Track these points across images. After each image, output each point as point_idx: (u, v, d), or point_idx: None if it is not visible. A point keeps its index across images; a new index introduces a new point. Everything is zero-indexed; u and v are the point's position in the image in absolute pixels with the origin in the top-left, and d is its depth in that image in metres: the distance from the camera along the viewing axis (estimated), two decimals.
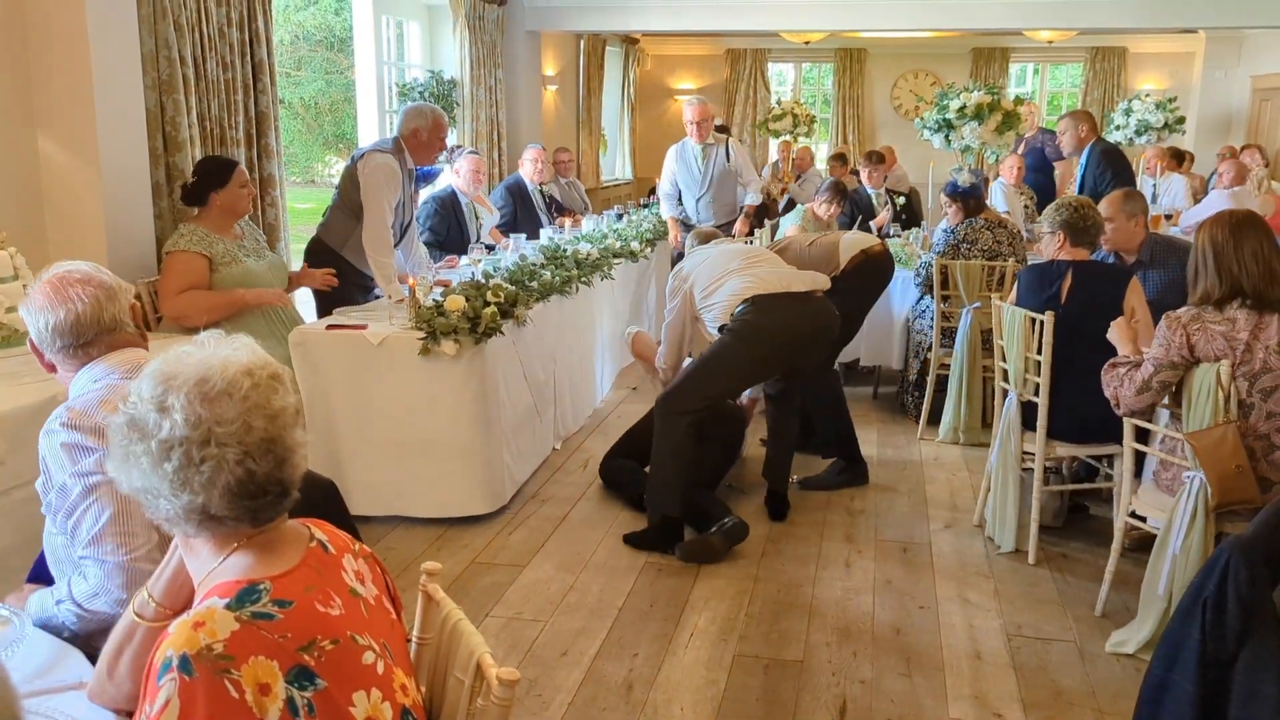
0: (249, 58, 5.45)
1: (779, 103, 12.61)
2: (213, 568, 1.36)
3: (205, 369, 1.32)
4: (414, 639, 1.61)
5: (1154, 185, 9.29)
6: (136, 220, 4.70)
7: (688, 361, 4.51)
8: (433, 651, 1.60)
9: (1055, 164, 9.11)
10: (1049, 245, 4.08)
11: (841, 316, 4.86)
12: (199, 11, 4.99)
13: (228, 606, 1.27)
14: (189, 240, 4.20)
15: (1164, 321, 3.23)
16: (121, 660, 1.53)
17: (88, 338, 2.03)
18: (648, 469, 4.66)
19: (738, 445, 4.73)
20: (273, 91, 5.67)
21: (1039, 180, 8.59)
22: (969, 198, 5.68)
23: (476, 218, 6.52)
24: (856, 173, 9.63)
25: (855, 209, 7.61)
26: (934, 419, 5.60)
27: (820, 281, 4.37)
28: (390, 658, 1.39)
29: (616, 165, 13.45)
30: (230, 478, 1.30)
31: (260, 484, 1.32)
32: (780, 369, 4.37)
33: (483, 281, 4.66)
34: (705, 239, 4.86)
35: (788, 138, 11.31)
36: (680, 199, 7.12)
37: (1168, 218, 7.92)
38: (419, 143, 4.88)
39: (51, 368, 2.09)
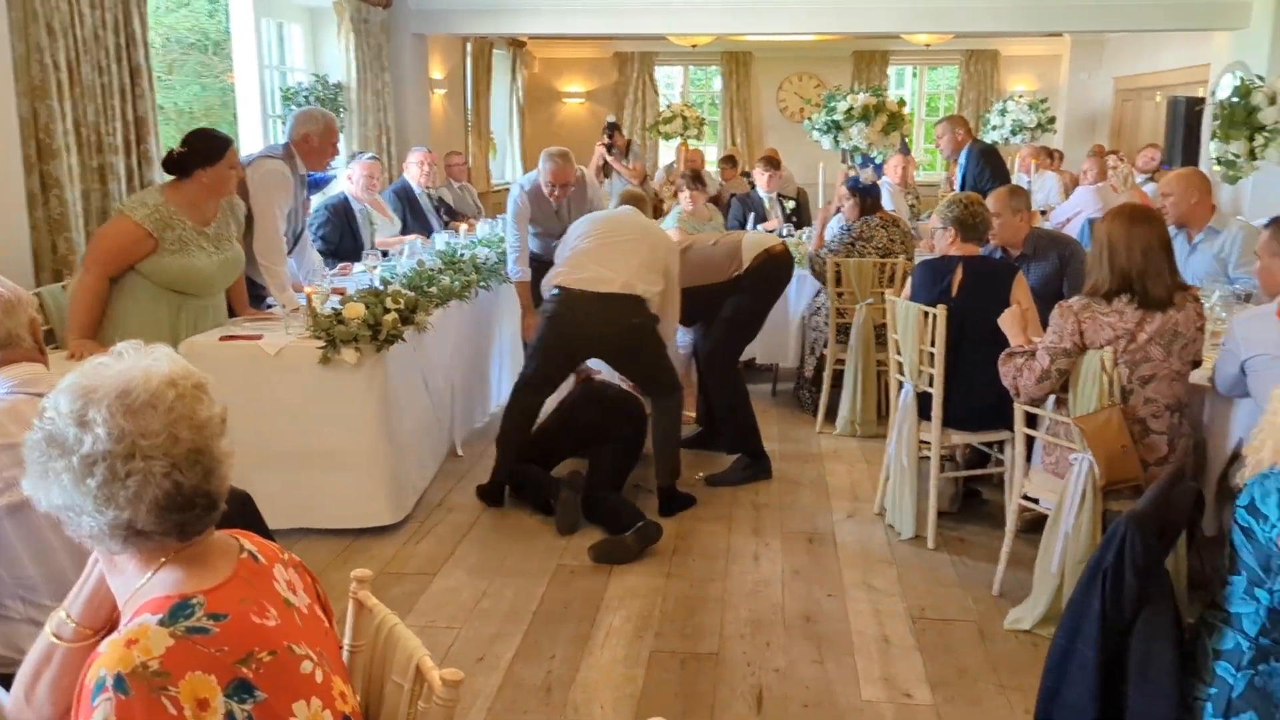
0: (125, 61, 5.27)
1: (668, 105, 12.73)
2: (139, 584, 1.32)
3: (126, 381, 1.28)
4: (346, 647, 1.59)
5: (1029, 182, 9.70)
6: (10, 231, 4.49)
7: None
8: (367, 658, 1.58)
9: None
10: (941, 240, 4.24)
11: (744, 315, 4.99)
12: (72, 15, 4.79)
13: (161, 623, 1.23)
14: (146, 213, 3.89)
15: (1057, 310, 3.39)
16: (40, 684, 1.47)
17: None
18: (553, 472, 4.69)
19: (640, 442, 4.75)
20: (151, 96, 5.48)
21: None
22: (867, 195, 5.85)
23: (371, 224, 6.40)
24: (748, 174, 9.79)
25: (745, 210, 7.74)
26: (831, 414, 5.74)
27: (641, 288, 4.41)
28: (327, 666, 1.38)
29: (507, 168, 13.38)
30: (157, 491, 1.27)
31: (188, 496, 1.29)
32: (577, 357, 4.70)
33: (381, 288, 4.59)
34: (623, 199, 5.00)
35: (679, 140, 11.43)
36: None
37: (1042, 213, 8.27)
38: (310, 148, 4.77)
39: None
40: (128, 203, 4.02)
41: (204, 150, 4.01)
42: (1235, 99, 4.64)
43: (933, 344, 4.01)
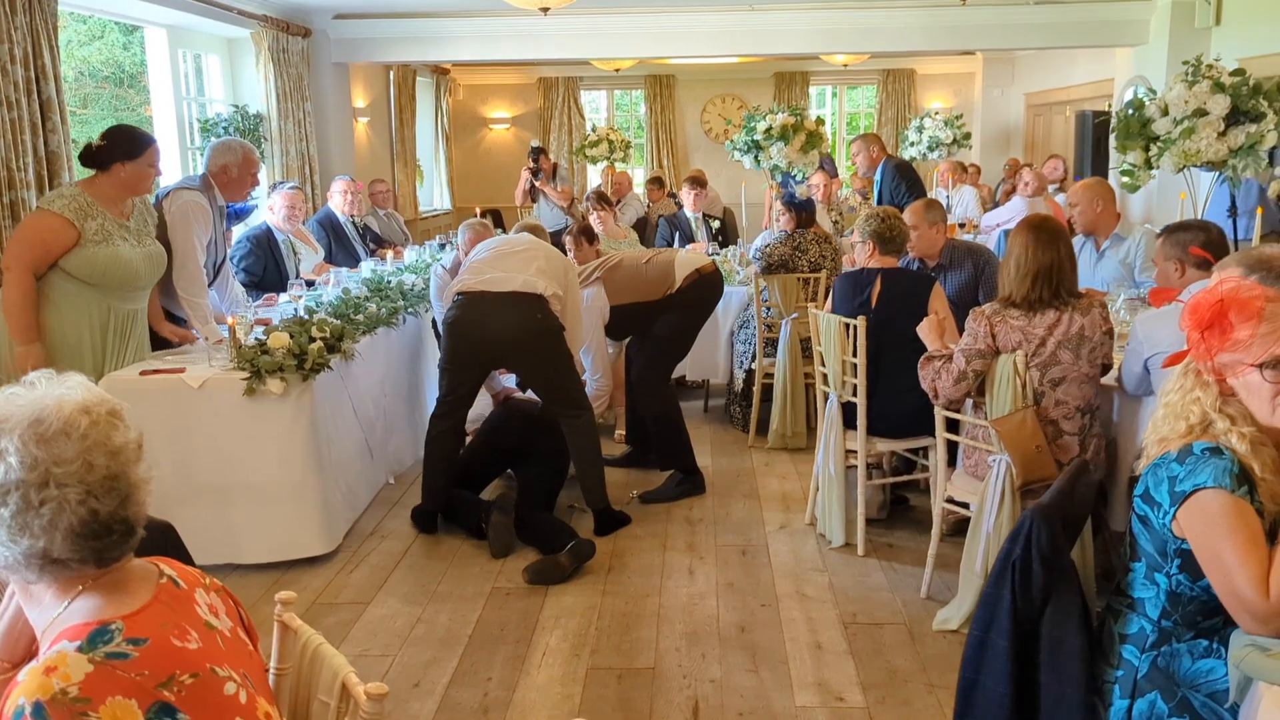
0: (36, 95, 5.19)
1: (594, 129, 12.82)
2: (57, 613, 1.31)
3: (38, 409, 1.28)
4: (272, 670, 1.60)
5: (947, 196, 9.95)
6: None
7: None
8: (293, 680, 1.59)
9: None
10: (860, 253, 4.35)
11: (676, 333, 5.06)
12: None
13: (79, 649, 1.23)
14: (64, 204, 3.87)
15: (971, 315, 3.50)
16: None
17: None
18: (483, 494, 4.69)
19: (564, 456, 4.70)
20: (64, 130, 5.40)
21: None
22: (803, 210, 5.97)
23: (295, 254, 6.34)
24: (675, 195, 9.90)
25: (673, 230, 7.84)
26: (762, 428, 5.82)
27: (542, 286, 4.40)
28: (252, 687, 1.38)
29: (434, 195, 13.34)
30: (73, 518, 1.27)
31: (104, 523, 1.29)
32: (483, 363, 4.55)
33: (306, 317, 4.57)
34: (520, 228, 5.01)
35: (606, 163, 11.51)
36: None
37: (961, 226, 8.50)
38: (229, 179, 4.73)
39: None
40: (43, 200, 4.00)
41: (125, 145, 4.02)
42: (1130, 111, 4.84)
43: (855, 355, 4.10)
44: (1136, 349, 3.30)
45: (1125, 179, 5.05)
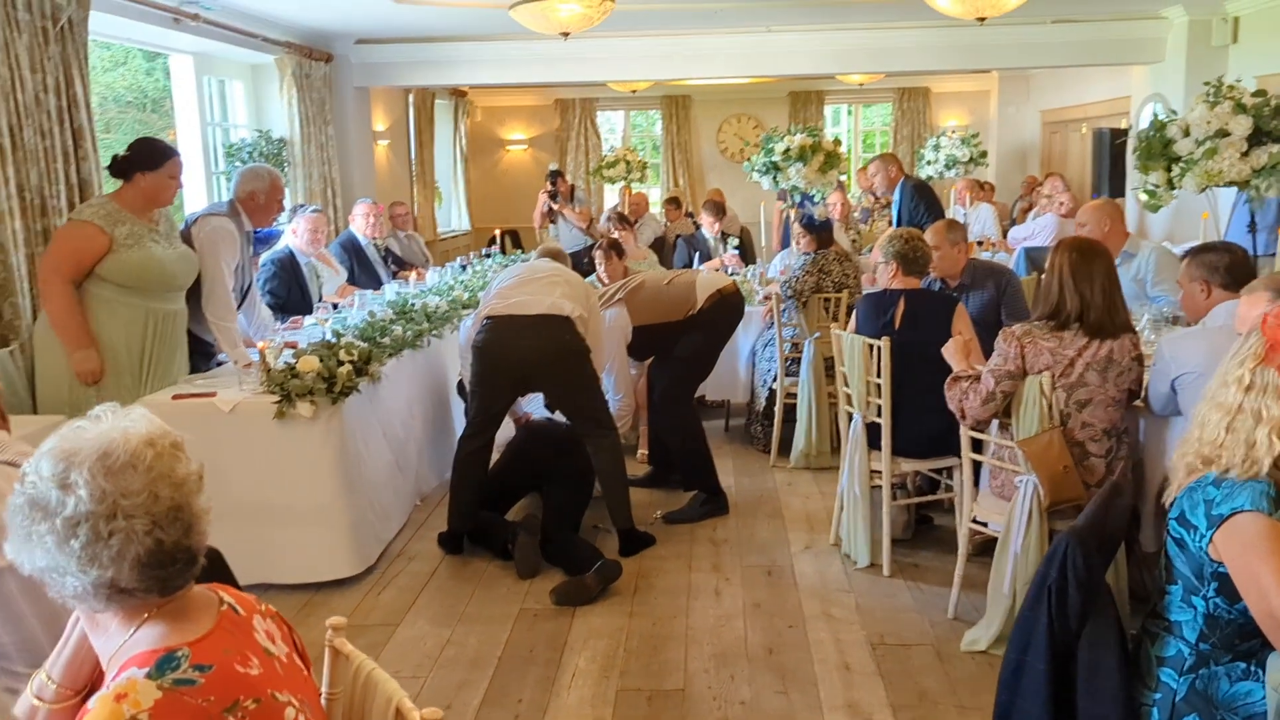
0: (68, 124, 5.27)
1: (611, 150, 12.90)
2: (123, 641, 1.35)
3: (106, 443, 1.32)
4: (324, 695, 1.63)
5: (965, 215, 9.96)
6: None
7: None
8: (344, 704, 1.61)
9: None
10: (883, 274, 4.37)
11: (697, 353, 5.09)
12: (12, 80, 4.79)
13: (148, 676, 1.27)
14: (93, 212, 4.02)
15: (1001, 336, 3.52)
16: None
17: None
18: (508, 515, 4.72)
19: (589, 476, 4.73)
20: (95, 157, 5.47)
21: None
22: (821, 231, 6.00)
23: (318, 277, 6.41)
24: (691, 215, 9.96)
25: (691, 250, 7.89)
26: (784, 447, 5.83)
27: (569, 308, 4.44)
28: (309, 712, 1.41)
29: (453, 217, 13.44)
30: (140, 549, 1.30)
31: (169, 552, 1.33)
32: (513, 386, 4.57)
33: (334, 341, 4.62)
34: (541, 254, 5.08)
35: (623, 183, 11.59)
36: None
37: (979, 244, 8.52)
38: (256, 205, 4.81)
39: None
40: (73, 213, 4.16)
41: (146, 156, 4.16)
42: (1151, 132, 4.86)
43: (879, 375, 4.12)
44: (1164, 369, 3.31)
45: (1147, 199, 5.06)
